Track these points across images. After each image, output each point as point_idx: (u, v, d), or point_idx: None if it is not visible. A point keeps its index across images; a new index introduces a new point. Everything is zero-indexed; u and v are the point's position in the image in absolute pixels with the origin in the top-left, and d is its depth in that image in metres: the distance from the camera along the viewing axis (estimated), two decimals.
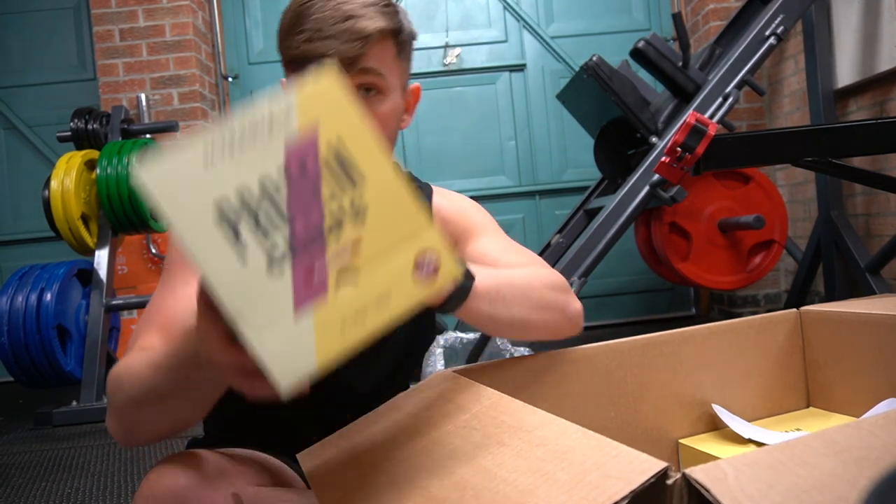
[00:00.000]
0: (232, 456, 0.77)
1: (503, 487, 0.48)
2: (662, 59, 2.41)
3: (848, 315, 0.97)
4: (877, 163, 2.47)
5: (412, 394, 0.75)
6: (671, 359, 0.96)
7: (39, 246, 3.32)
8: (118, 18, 3.17)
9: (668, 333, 0.96)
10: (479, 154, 3.47)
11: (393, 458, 0.61)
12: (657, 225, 2.50)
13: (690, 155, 1.55)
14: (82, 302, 2.53)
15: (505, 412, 0.61)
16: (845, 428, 0.47)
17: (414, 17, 3.49)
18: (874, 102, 2.49)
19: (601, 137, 2.65)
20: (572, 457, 0.48)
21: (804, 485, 0.40)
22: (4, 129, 3.37)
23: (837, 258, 2.56)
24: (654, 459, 0.44)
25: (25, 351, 2.31)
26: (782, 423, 0.97)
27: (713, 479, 0.40)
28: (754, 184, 2.54)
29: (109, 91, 3.17)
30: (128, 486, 1.57)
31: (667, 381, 0.96)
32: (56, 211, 2.44)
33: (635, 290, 3.46)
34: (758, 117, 3.29)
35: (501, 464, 0.52)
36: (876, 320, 0.94)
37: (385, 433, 0.67)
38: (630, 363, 0.93)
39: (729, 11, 3.12)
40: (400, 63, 0.84)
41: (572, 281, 2.13)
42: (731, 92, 2.32)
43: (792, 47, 3.00)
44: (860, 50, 2.50)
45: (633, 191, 2.27)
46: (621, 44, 3.19)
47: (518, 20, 3.48)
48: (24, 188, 3.33)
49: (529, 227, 3.46)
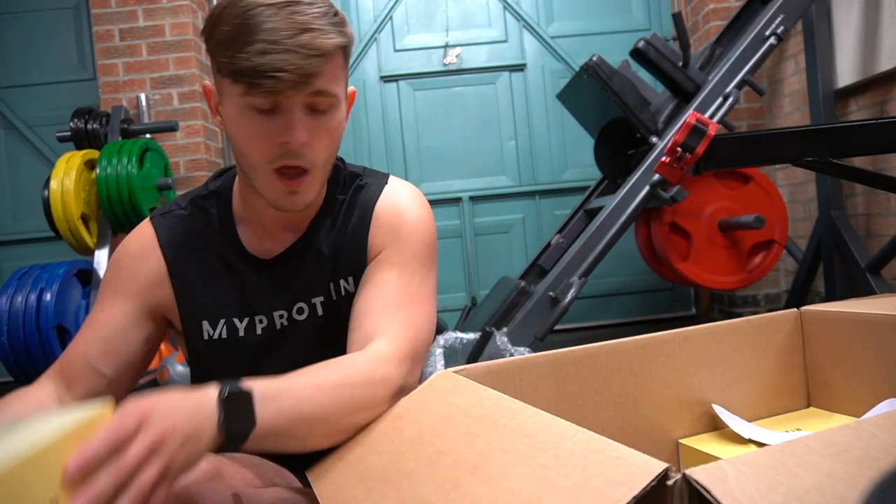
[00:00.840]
0: (230, 456, 0.77)
1: (509, 499, 0.48)
2: (662, 59, 2.41)
3: (848, 315, 0.97)
4: (877, 163, 2.47)
5: (415, 397, 0.75)
6: (671, 359, 0.96)
7: (39, 246, 3.32)
8: (118, 18, 3.17)
9: (668, 333, 0.96)
10: (479, 154, 3.47)
11: (399, 471, 0.61)
12: (657, 225, 2.50)
13: (690, 155, 1.55)
14: (82, 302, 2.53)
15: (506, 415, 0.61)
16: (845, 428, 0.47)
17: (414, 17, 3.45)
18: (874, 102, 2.49)
19: (601, 137, 2.65)
20: (574, 462, 0.48)
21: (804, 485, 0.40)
22: (4, 129, 3.37)
23: (837, 258, 2.56)
24: (654, 460, 0.44)
25: (25, 351, 2.31)
26: (782, 423, 0.97)
27: (713, 480, 0.40)
28: (754, 184, 2.54)
29: (109, 91, 3.17)
30: None
31: (667, 381, 0.96)
32: (56, 211, 2.44)
33: (635, 290, 3.46)
34: (758, 117, 3.29)
35: (506, 472, 0.52)
36: (876, 320, 0.94)
37: (389, 443, 0.67)
38: (630, 363, 0.93)
39: (729, 11, 3.12)
40: (345, 73, 0.83)
41: (572, 281, 2.14)
42: (731, 92, 2.33)
43: (792, 47, 3.00)
44: (860, 50, 2.50)
45: (633, 191, 2.27)
46: (621, 44, 3.19)
47: (518, 20, 3.48)
48: (24, 188, 3.33)
49: (529, 227, 3.46)
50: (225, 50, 0.75)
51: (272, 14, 0.73)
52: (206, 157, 3.21)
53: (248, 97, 0.76)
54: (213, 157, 3.31)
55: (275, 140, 0.77)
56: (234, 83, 0.76)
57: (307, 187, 0.82)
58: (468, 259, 3.42)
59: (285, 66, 0.72)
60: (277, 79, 0.73)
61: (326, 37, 0.75)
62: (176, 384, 2.64)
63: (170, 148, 3.14)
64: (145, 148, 2.62)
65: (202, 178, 3.18)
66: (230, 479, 0.71)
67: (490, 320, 2.24)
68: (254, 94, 0.75)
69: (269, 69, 0.72)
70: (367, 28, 3.45)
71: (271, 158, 0.79)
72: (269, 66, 0.72)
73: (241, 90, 0.76)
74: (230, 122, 0.80)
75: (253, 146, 0.79)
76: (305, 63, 0.73)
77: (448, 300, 3.35)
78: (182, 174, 3.17)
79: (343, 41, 0.78)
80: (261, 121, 0.77)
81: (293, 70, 0.73)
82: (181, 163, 3.18)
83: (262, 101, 0.76)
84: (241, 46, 0.73)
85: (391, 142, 3.46)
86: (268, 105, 0.76)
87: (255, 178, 0.82)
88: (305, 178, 0.81)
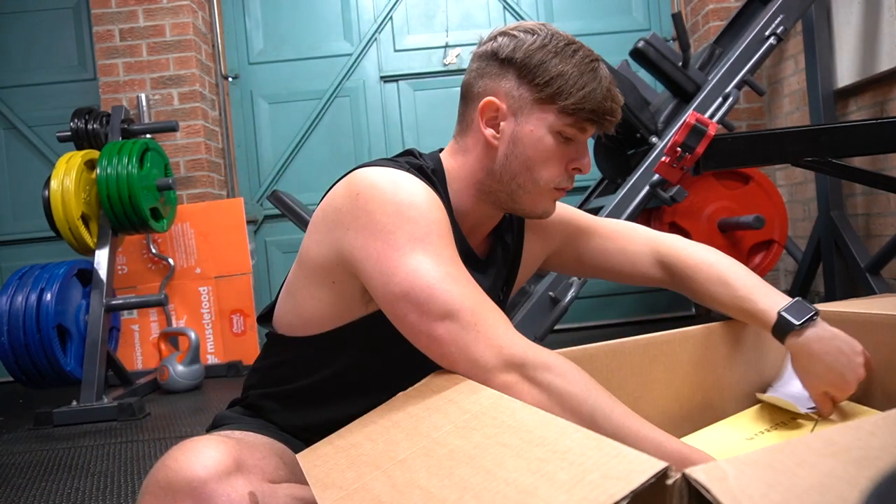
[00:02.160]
0: (251, 445, 0.77)
1: (503, 488, 0.48)
2: (662, 59, 2.41)
3: (848, 315, 0.97)
4: (877, 163, 2.47)
5: (412, 393, 0.74)
6: (671, 359, 0.96)
7: (39, 246, 3.32)
8: (118, 18, 3.17)
9: (668, 333, 0.96)
10: None
11: (392, 458, 0.61)
12: (657, 225, 2.50)
13: (690, 155, 1.55)
14: (82, 302, 2.53)
15: (505, 412, 0.61)
16: (845, 428, 0.47)
17: (414, 17, 3.46)
18: (874, 102, 2.49)
19: (601, 137, 2.65)
20: (572, 457, 0.48)
21: (804, 485, 0.40)
22: (4, 129, 3.37)
23: (837, 258, 2.56)
24: (653, 459, 0.44)
25: (25, 351, 2.31)
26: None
27: (713, 479, 0.40)
28: (754, 184, 2.54)
29: (109, 91, 3.17)
30: (128, 486, 1.57)
31: (667, 381, 0.96)
32: (56, 211, 2.44)
33: (635, 290, 3.46)
34: (758, 117, 3.29)
35: (501, 464, 0.52)
36: (876, 320, 0.94)
37: (384, 433, 0.67)
38: (630, 363, 0.93)
39: (729, 11, 3.12)
40: None
41: (572, 281, 2.14)
42: (731, 92, 2.33)
43: (792, 47, 3.00)
44: (860, 50, 2.50)
45: (633, 191, 2.27)
46: (621, 44, 3.19)
47: (518, 20, 3.48)
48: (24, 188, 3.33)
49: None
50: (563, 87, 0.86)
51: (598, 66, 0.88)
52: (207, 157, 3.21)
53: (568, 127, 0.87)
54: (214, 157, 3.31)
55: (568, 165, 0.90)
56: (559, 113, 0.86)
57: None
58: None
59: (615, 111, 0.89)
60: (609, 121, 0.89)
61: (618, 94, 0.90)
62: (176, 384, 2.64)
63: (170, 148, 3.14)
64: (145, 148, 2.62)
65: (202, 178, 3.18)
66: (249, 472, 0.71)
67: None
68: (586, 129, 0.88)
69: (608, 112, 0.88)
70: (367, 28, 3.45)
71: (561, 178, 0.90)
72: (608, 110, 0.87)
73: (566, 120, 0.86)
74: (528, 141, 0.88)
75: (549, 165, 0.89)
76: (618, 111, 0.90)
77: None
78: (182, 174, 3.17)
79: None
80: (562, 147, 0.88)
81: (616, 115, 0.89)
82: (181, 163, 3.18)
83: (574, 133, 0.88)
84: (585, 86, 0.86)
85: (391, 142, 3.47)
86: (583, 136, 0.89)
87: (529, 191, 0.90)
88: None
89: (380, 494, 0.55)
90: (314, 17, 3.46)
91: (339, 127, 3.44)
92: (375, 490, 0.56)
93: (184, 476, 0.66)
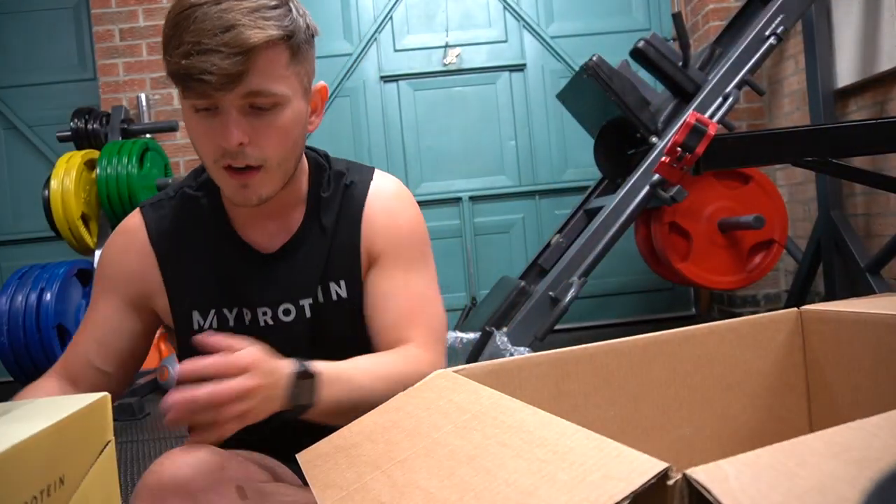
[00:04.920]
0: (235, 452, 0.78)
1: (504, 488, 0.48)
2: (662, 59, 2.41)
3: (848, 315, 0.97)
4: (877, 163, 2.47)
5: (412, 394, 0.75)
6: (671, 359, 0.96)
7: (39, 246, 3.32)
8: (118, 18, 3.17)
9: (668, 333, 0.96)
10: (479, 154, 3.47)
11: (392, 458, 0.61)
12: (657, 225, 2.50)
13: (690, 155, 1.55)
14: (82, 302, 2.53)
15: (505, 412, 0.61)
16: (846, 428, 0.47)
17: (414, 17, 3.45)
18: (874, 102, 2.49)
19: (601, 137, 2.65)
20: (573, 457, 0.48)
21: (805, 485, 0.40)
22: (4, 129, 3.37)
23: (837, 258, 2.56)
24: (654, 460, 0.44)
25: (25, 351, 2.31)
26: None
27: (714, 480, 0.40)
28: (754, 184, 2.54)
29: (109, 91, 3.17)
30: (127, 485, 1.57)
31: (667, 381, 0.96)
32: (56, 211, 2.44)
33: (635, 290, 3.46)
34: (758, 117, 3.29)
35: (502, 464, 0.52)
36: (876, 320, 0.94)
37: (384, 433, 0.67)
38: (630, 363, 0.93)
39: (729, 11, 3.12)
40: (296, 68, 0.80)
41: (572, 281, 2.14)
42: (731, 92, 2.33)
43: (792, 47, 3.00)
44: (860, 50, 2.50)
45: (633, 191, 2.27)
46: (621, 44, 3.19)
47: (518, 20, 3.48)
48: (24, 188, 3.33)
49: (529, 227, 3.46)
50: (164, 53, 0.74)
51: (204, 12, 0.70)
52: None
53: (186, 99, 0.76)
54: None
55: (215, 140, 0.76)
56: (176, 86, 0.75)
57: (259, 183, 0.80)
58: (468, 259, 3.42)
59: (209, 68, 0.70)
60: (204, 81, 0.71)
61: (252, 31, 0.71)
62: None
63: (170, 148, 3.14)
64: (145, 148, 2.63)
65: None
66: (234, 472, 0.71)
67: (490, 320, 2.24)
68: (189, 97, 0.75)
69: (195, 72, 0.70)
70: (367, 28, 3.45)
71: (216, 157, 0.78)
72: (194, 69, 0.70)
73: (180, 92, 0.76)
74: (184, 121, 0.80)
75: (200, 145, 0.79)
76: (228, 63, 0.70)
77: (448, 300, 3.35)
78: (182, 174, 3.17)
79: (278, 34, 0.74)
80: (203, 121, 0.76)
81: (216, 72, 0.70)
82: (181, 163, 3.18)
83: (199, 103, 0.75)
84: (172, 49, 0.72)
85: (391, 142, 3.46)
86: (205, 105, 0.75)
87: (212, 176, 0.82)
88: (257, 174, 0.79)
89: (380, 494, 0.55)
90: (314, 17, 3.43)
91: (338, 127, 3.44)
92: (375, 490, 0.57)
93: (172, 475, 0.66)
